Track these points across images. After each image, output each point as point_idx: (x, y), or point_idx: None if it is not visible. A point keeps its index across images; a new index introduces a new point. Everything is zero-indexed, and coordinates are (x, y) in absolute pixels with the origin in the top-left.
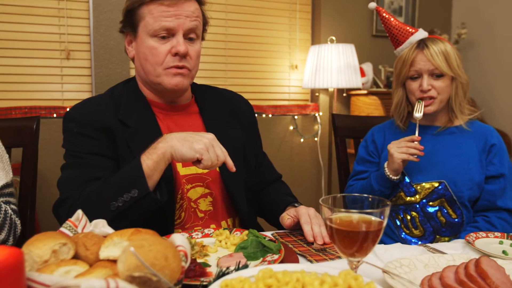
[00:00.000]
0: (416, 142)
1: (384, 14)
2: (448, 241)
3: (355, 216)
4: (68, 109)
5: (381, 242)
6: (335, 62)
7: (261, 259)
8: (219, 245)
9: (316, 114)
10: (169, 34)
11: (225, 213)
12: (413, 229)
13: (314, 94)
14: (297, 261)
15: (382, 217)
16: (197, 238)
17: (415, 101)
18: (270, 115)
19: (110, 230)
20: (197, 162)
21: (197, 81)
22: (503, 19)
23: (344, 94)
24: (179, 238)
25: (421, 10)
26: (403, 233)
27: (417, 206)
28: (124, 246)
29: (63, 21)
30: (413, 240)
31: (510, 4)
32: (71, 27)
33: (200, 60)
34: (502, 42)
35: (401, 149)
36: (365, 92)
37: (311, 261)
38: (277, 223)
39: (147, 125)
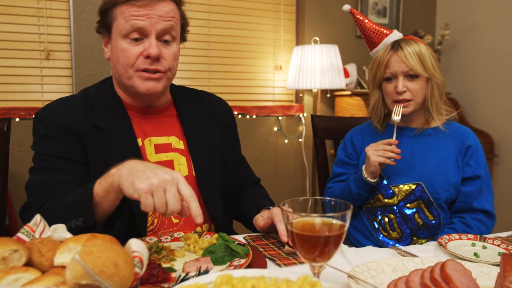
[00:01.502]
0: (393, 146)
1: (358, 16)
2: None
3: (316, 220)
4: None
5: (360, 244)
6: (318, 63)
7: (228, 263)
8: (187, 249)
9: (301, 115)
10: (142, 35)
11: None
12: (390, 231)
13: (298, 95)
14: (265, 265)
15: (344, 220)
16: (166, 242)
17: (391, 103)
18: (254, 116)
19: (68, 235)
20: None
21: (180, 81)
22: (486, 21)
23: (328, 95)
24: (135, 244)
25: (405, 11)
26: (381, 235)
27: (395, 208)
28: None
29: (43, 21)
30: (390, 243)
31: (493, 6)
32: (51, 27)
33: (178, 62)
34: (485, 43)
35: (378, 152)
36: (349, 93)
37: (279, 265)
38: (253, 226)
39: (121, 128)
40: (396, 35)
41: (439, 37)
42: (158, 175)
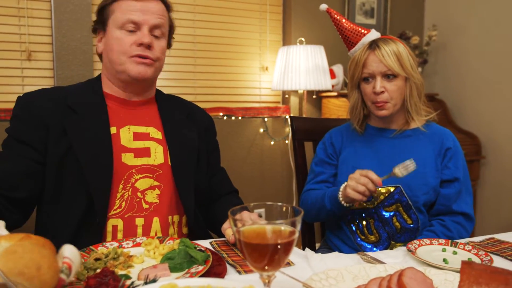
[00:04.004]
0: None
1: (335, 16)
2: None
3: (266, 227)
4: None
5: (337, 248)
6: (303, 63)
7: (186, 270)
8: (147, 255)
9: (287, 117)
10: (136, 28)
11: (173, 208)
12: (368, 235)
13: (285, 96)
14: (224, 272)
15: (294, 226)
16: (127, 247)
17: (370, 104)
18: (240, 118)
19: (5, 232)
20: None
21: (165, 82)
22: (474, 22)
23: (314, 96)
24: (68, 250)
25: (393, 12)
26: (358, 239)
27: (373, 211)
28: None
29: (24, 21)
30: (368, 246)
31: (481, 7)
32: (31, 27)
33: (165, 56)
34: (472, 44)
35: (359, 188)
36: (335, 94)
37: (240, 272)
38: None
39: (95, 114)
40: (373, 34)
41: (426, 38)
42: None
